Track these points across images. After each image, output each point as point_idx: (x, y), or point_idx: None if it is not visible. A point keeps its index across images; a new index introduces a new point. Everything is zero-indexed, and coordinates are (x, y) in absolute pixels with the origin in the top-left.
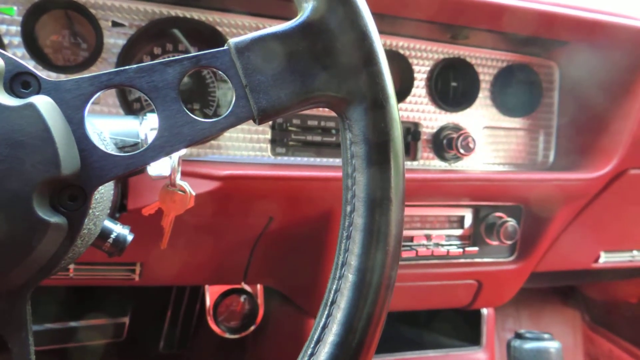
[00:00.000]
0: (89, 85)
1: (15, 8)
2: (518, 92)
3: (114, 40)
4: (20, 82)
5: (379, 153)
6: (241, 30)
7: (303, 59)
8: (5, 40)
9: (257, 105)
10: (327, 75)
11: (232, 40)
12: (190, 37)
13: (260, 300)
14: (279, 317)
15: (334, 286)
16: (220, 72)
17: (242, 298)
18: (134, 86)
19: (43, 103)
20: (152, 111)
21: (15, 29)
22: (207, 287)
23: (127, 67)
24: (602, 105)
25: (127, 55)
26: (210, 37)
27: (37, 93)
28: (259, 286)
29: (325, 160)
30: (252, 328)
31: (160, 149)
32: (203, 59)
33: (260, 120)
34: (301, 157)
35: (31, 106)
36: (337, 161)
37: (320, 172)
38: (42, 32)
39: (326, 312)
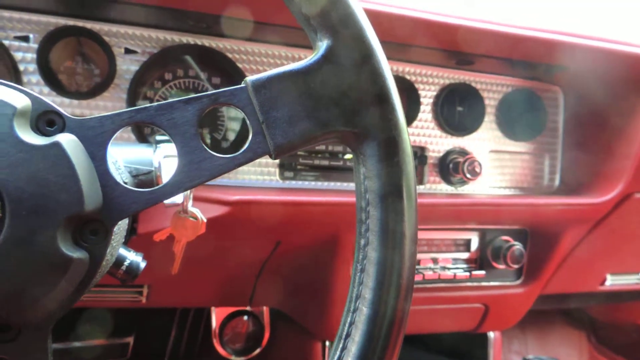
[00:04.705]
0: (111, 123)
1: (31, 36)
2: (523, 116)
3: (127, 67)
4: (45, 120)
5: (392, 188)
6: (250, 57)
7: (318, 96)
8: (21, 67)
9: (274, 141)
10: (341, 111)
11: (249, 78)
12: (201, 63)
13: (266, 322)
14: (285, 339)
15: (349, 319)
16: (238, 109)
17: (248, 320)
18: (154, 124)
19: (67, 141)
20: (162, 135)
21: (31, 56)
22: (213, 308)
23: (147, 105)
24: (606, 130)
25: (139, 81)
26: (220, 63)
27: (62, 131)
28: (265, 308)
29: (332, 184)
30: (258, 350)
31: (179, 184)
32: (221, 97)
33: (276, 155)
34: (309, 181)
35: (57, 145)
36: (345, 185)
37: (328, 197)
38: (56, 59)
39: (341, 346)
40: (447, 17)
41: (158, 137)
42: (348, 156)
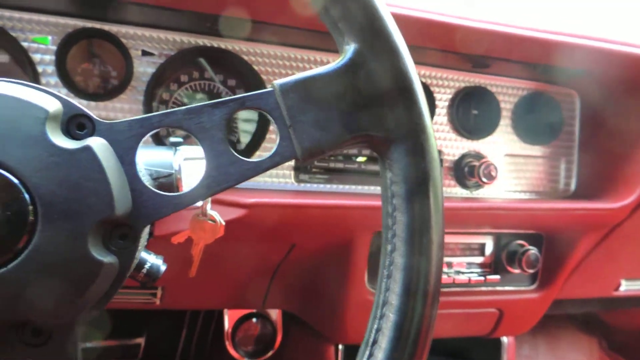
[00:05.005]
0: (140, 127)
1: (49, 37)
2: (539, 120)
3: (144, 69)
4: (75, 123)
5: (419, 193)
6: (266, 59)
7: (345, 100)
8: (40, 69)
9: (301, 145)
10: (368, 116)
11: (277, 82)
12: (218, 66)
13: (278, 325)
14: (298, 342)
15: (375, 325)
16: (265, 113)
17: (261, 322)
18: (182, 127)
19: (98, 145)
20: (177, 137)
21: (49, 57)
22: (225, 310)
23: (176, 109)
24: (623, 134)
25: (156, 83)
26: (237, 65)
27: (92, 134)
28: (277, 311)
29: (347, 187)
30: (270, 353)
31: (207, 188)
32: (248, 101)
33: (303, 159)
34: (324, 184)
35: (88, 149)
36: (360, 188)
37: (344, 200)
38: (73, 61)
39: (367, 352)
40: (461, 19)
41: (172, 139)
42: (361, 159)
